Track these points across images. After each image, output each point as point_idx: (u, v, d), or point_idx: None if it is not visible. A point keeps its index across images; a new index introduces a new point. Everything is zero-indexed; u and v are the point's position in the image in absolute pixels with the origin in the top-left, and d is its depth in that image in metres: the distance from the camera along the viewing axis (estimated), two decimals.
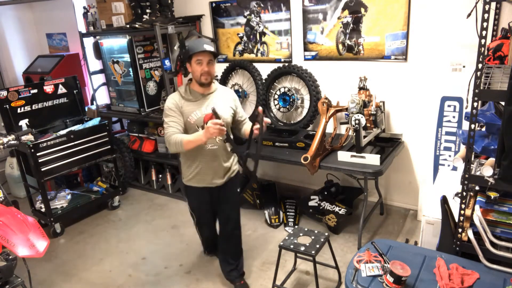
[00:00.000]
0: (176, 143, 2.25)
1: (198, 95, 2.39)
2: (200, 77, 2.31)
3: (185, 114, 2.35)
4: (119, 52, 4.27)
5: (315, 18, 3.47)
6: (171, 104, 2.36)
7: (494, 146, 1.81)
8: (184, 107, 2.35)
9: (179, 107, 2.34)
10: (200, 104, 2.38)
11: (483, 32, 1.64)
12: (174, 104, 2.35)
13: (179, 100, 2.36)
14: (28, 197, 3.81)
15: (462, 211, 1.92)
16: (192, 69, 2.33)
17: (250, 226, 3.52)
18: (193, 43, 2.38)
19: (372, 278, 1.83)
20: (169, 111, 2.35)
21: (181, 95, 2.38)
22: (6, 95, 3.51)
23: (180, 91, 2.40)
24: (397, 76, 3.27)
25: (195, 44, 2.31)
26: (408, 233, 3.24)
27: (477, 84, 1.70)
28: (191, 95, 2.39)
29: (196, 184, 2.54)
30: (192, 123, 2.36)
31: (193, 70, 2.32)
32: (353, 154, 2.93)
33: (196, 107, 2.37)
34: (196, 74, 2.31)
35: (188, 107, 2.36)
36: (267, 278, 2.83)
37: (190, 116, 2.35)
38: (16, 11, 5.37)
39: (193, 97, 2.38)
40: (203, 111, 2.37)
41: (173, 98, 2.39)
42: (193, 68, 2.32)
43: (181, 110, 2.34)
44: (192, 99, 2.38)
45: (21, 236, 2.13)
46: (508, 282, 1.76)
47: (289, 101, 3.67)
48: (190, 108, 2.36)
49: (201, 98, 2.39)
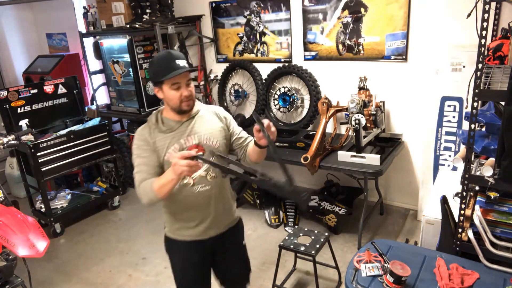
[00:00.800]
0: (146, 192, 1.65)
1: (175, 124, 1.77)
2: (181, 105, 1.71)
3: (160, 150, 1.74)
4: (119, 52, 4.27)
5: (315, 18, 3.47)
6: (140, 140, 1.76)
7: (494, 146, 1.80)
8: (158, 142, 1.74)
9: (151, 143, 1.74)
10: (179, 135, 1.76)
11: (483, 32, 1.64)
12: (144, 140, 1.75)
13: (150, 133, 1.75)
14: (28, 197, 3.81)
15: (462, 211, 1.92)
16: (166, 96, 1.72)
17: (250, 226, 3.52)
18: (161, 62, 1.69)
19: (372, 278, 1.83)
20: (137, 150, 1.75)
21: (152, 127, 1.78)
22: (6, 95, 3.51)
23: (150, 122, 1.80)
24: (397, 76, 3.27)
25: (164, 64, 1.67)
26: (408, 233, 3.24)
27: (477, 84, 1.70)
28: (166, 125, 1.77)
29: (182, 237, 1.87)
30: (170, 160, 1.68)
31: (169, 98, 1.71)
32: (353, 154, 2.93)
33: (175, 139, 1.75)
34: (174, 102, 1.71)
35: (163, 141, 1.74)
36: (267, 278, 2.83)
37: (168, 153, 1.73)
38: (16, 11, 5.37)
39: (169, 128, 1.76)
40: (184, 143, 1.76)
41: (141, 132, 1.78)
42: (167, 95, 1.71)
43: (154, 147, 1.74)
44: (167, 130, 1.76)
45: (21, 236, 2.13)
46: (508, 282, 1.76)
47: (289, 101, 3.67)
48: (166, 142, 1.74)
49: (179, 126, 1.77)
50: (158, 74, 1.68)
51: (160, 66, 1.68)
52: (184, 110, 1.74)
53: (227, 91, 4.14)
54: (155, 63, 1.72)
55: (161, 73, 1.67)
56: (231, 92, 4.09)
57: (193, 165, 1.52)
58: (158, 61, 1.70)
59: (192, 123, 1.80)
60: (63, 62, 4.76)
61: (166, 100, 1.74)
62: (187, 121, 1.79)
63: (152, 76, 1.75)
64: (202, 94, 4.25)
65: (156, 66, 1.71)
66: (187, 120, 1.79)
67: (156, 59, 1.71)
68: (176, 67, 1.65)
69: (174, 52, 1.70)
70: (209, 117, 1.86)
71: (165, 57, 1.68)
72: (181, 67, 1.67)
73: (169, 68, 1.66)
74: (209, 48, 4.23)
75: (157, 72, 1.68)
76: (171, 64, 1.66)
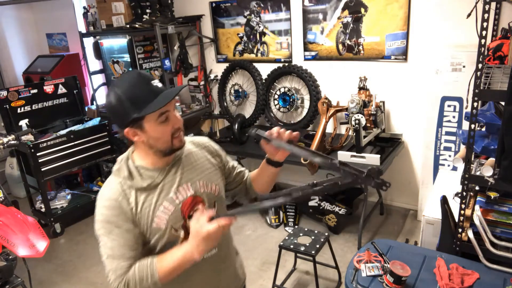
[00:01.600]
0: (143, 286, 1.13)
1: (159, 174, 1.23)
2: (173, 142, 1.20)
3: (144, 217, 1.18)
4: (119, 52, 4.27)
5: (315, 18, 3.47)
6: (109, 209, 1.16)
7: (494, 146, 1.80)
8: (139, 206, 1.18)
9: (128, 211, 1.17)
10: (167, 188, 1.23)
11: (483, 32, 1.64)
12: (116, 208, 1.16)
13: (125, 195, 1.18)
14: (28, 197, 3.81)
15: (462, 211, 1.92)
16: (151, 136, 1.17)
17: (250, 226, 3.52)
18: (135, 90, 1.14)
19: (372, 278, 1.83)
20: (107, 226, 1.16)
21: (125, 185, 1.19)
22: (6, 95, 3.51)
23: (121, 177, 1.20)
24: (397, 76, 3.27)
25: (141, 92, 1.13)
26: (408, 233, 3.24)
27: (477, 84, 1.70)
28: (145, 177, 1.21)
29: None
30: (160, 227, 1.20)
31: (156, 137, 1.17)
32: (353, 154, 2.93)
33: (162, 196, 1.22)
34: (164, 140, 1.18)
35: (146, 203, 1.19)
36: (267, 278, 2.83)
37: (157, 216, 1.20)
38: (16, 11, 5.37)
39: (150, 181, 1.21)
40: (175, 199, 1.23)
41: (109, 196, 1.18)
42: (153, 134, 1.17)
43: (134, 216, 1.17)
44: (149, 186, 1.21)
45: (21, 236, 2.13)
46: (508, 282, 1.76)
47: (289, 101, 3.67)
48: (151, 203, 1.20)
49: (165, 176, 1.24)
50: (137, 107, 1.12)
51: (136, 95, 1.13)
52: (176, 148, 1.23)
53: (227, 91, 4.14)
54: (124, 93, 1.12)
55: (141, 105, 1.12)
56: (231, 92, 4.09)
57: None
58: (130, 89, 1.13)
59: (179, 168, 1.27)
60: (63, 62, 4.76)
61: (150, 142, 1.18)
62: (172, 166, 1.26)
63: (122, 113, 1.13)
64: (202, 94, 4.25)
65: (127, 97, 1.12)
66: (173, 164, 1.26)
67: (125, 88, 1.13)
68: (160, 91, 1.16)
69: (143, 72, 1.21)
70: (197, 154, 1.35)
71: (138, 81, 1.15)
72: (165, 89, 1.18)
73: (151, 94, 1.14)
74: (209, 48, 4.23)
75: (135, 105, 1.12)
76: (150, 88, 1.15)
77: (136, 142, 1.22)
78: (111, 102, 1.15)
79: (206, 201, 1.30)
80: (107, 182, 1.23)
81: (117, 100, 1.13)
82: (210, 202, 1.31)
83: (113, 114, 1.18)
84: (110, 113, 1.19)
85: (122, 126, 1.18)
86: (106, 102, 1.19)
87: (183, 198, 1.25)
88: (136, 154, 1.25)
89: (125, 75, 1.20)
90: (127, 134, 1.18)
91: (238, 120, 3.63)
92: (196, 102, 4.33)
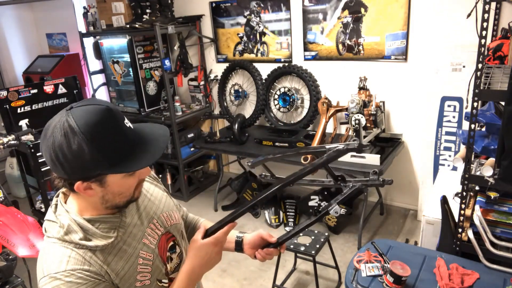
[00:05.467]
0: None
1: (117, 218, 0.99)
2: (135, 193, 0.99)
3: (128, 276, 0.97)
4: (119, 52, 4.27)
5: (315, 18, 3.47)
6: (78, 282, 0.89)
7: (494, 146, 1.80)
8: (112, 265, 0.95)
9: (103, 274, 0.93)
10: (137, 232, 1.02)
11: (483, 32, 1.63)
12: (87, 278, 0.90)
13: (88, 260, 0.91)
14: (28, 197, 3.81)
15: (462, 211, 1.92)
16: (111, 191, 0.94)
17: (250, 226, 3.52)
18: (106, 142, 0.87)
19: (372, 278, 1.83)
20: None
21: (83, 248, 0.92)
22: (6, 95, 3.51)
23: (73, 243, 0.92)
24: (397, 76, 3.27)
25: (112, 143, 0.88)
26: (408, 233, 3.24)
27: (477, 84, 1.70)
28: (104, 228, 0.97)
29: None
30: (146, 285, 1.01)
31: (118, 191, 0.95)
32: (353, 154, 2.93)
33: (134, 244, 1.00)
34: (126, 194, 0.97)
35: (120, 262, 0.96)
36: (267, 278, 2.83)
37: (140, 272, 0.99)
38: (16, 11, 5.38)
39: (110, 229, 0.97)
40: (149, 242, 1.04)
41: (73, 266, 0.90)
42: (116, 189, 0.94)
43: (111, 278, 0.94)
44: (115, 236, 0.96)
45: (21, 236, 2.13)
46: (508, 282, 1.76)
47: (289, 101, 3.67)
48: (128, 256, 0.98)
49: (126, 219, 1.01)
50: (110, 161, 0.87)
51: (108, 145, 0.87)
52: (135, 199, 1.02)
53: (227, 91, 4.14)
54: (91, 141, 0.84)
55: (114, 159, 0.88)
56: (231, 92, 4.09)
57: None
58: (99, 136, 0.85)
59: (139, 205, 1.07)
60: (63, 62, 4.76)
61: (106, 197, 0.94)
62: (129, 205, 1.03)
63: (82, 166, 0.86)
64: (202, 94, 4.25)
65: (97, 147, 0.85)
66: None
67: (92, 133, 0.85)
68: (136, 137, 0.93)
69: (114, 108, 0.91)
70: (154, 190, 1.16)
71: (110, 125, 0.88)
72: (139, 132, 0.95)
73: (126, 143, 0.90)
74: (209, 48, 4.23)
75: (107, 158, 0.87)
76: (124, 134, 0.90)
77: (86, 199, 0.94)
78: (70, 149, 0.84)
79: (176, 235, 1.13)
80: (55, 261, 0.90)
81: (79, 149, 0.84)
82: (179, 233, 1.15)
83: (66, 162, 0.85)
84: (60, 160, 0.85)
85: (73, 179, 0.89)
86: (58, 147, 0.85)
87: (157, 239, 1.05)
88: (81, 210, 0.96)
89: (90, 112, 0.87)
90: (78, 188, 0.89)
91: (238, 120, 3.63)
92: (196, 102, 4.33)
